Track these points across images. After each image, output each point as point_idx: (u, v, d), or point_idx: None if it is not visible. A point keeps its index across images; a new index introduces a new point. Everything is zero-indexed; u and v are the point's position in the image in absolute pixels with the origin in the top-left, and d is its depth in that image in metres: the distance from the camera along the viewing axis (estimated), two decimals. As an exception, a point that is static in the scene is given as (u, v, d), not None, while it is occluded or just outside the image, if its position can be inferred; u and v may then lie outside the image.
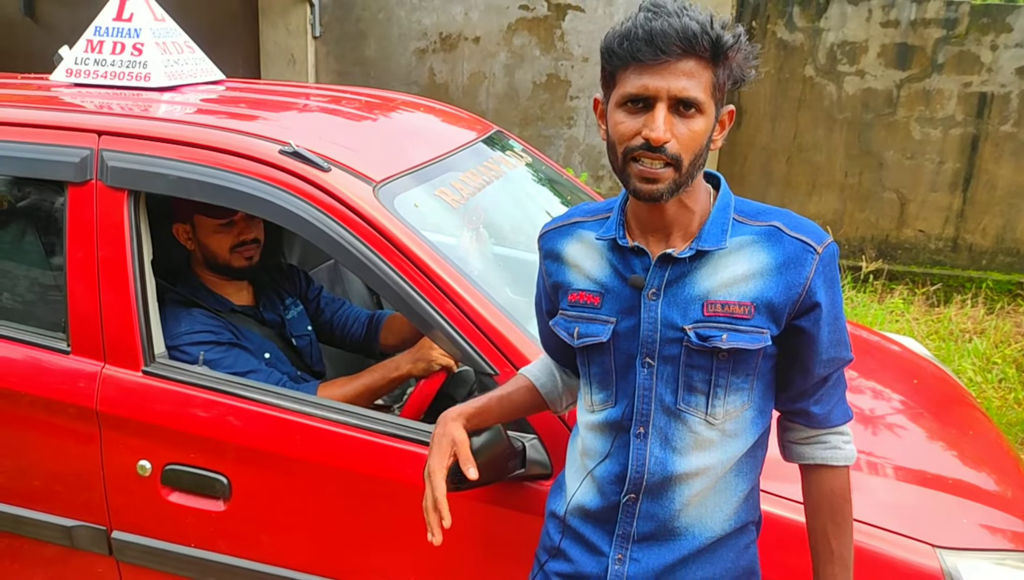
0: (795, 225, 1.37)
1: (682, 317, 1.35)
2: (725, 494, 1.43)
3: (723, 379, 1.37)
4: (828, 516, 1.46)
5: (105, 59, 2.49)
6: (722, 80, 1.28)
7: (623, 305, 1.40)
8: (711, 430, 1.39)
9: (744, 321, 1.33)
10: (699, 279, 1.35)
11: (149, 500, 1.99)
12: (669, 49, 1.23)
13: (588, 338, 1.43)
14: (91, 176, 2.00)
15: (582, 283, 1.45)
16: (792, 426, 1.49)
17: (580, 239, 1.47)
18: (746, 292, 1.34)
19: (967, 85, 6.24)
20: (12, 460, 2.12)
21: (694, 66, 1.25)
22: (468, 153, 2.43)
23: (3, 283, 2.27)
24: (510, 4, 6.64)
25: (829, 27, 6.30)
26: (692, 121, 1.26)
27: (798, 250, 1.34)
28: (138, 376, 1.99)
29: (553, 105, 6.77)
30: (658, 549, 1.44)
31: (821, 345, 1.38)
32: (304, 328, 2.49)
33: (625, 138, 1.28)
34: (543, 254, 1.54)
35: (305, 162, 1.91)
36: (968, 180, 6.42)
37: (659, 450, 1.40)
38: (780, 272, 1.34)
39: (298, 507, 1.94)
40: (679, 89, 1.24)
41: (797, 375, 1.42)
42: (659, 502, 1.42)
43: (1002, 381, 4.99)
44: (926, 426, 2.27)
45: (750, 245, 1.36)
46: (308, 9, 6.79)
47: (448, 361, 2.09)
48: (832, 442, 1.46)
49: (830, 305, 1.37)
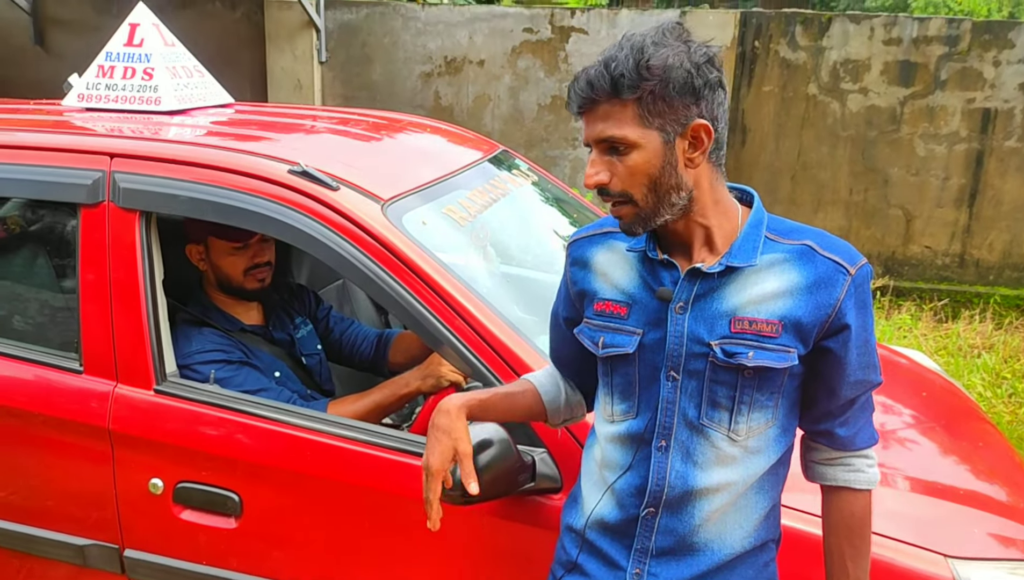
0: (828, 245, 1.36)
1: (709, 332, 1.35)
2: (746, 511, 1.42)
3: (747, 396, 1.36)
4: (846, 538, 1.45)
5: (116, 84, 2.53)
6: (654, 105, 1.27)
7: (650, 317, 1.39)
8: (733, 446, 1.38)
9: (771, 339, 1.33)
10: (727, 295, 1.35)
11: (161, 518, 2.00)
12: (580, 102, 1.31)
13: (613, 348, 1.42)
14: (103, 198, 2.02)
15: (609, 293, 1.45)
16: (816, 446, 1.48)
17: (611, 249, 1.47)
18: (774, 310, 1.33)
19: (970, 101, 6.28)
20: (25, 479, 2.13)
21: (606, 108, 1.29)
22: (475, 172, 2.45)
23: (16, 304, 2.30)
24: (514, 27, 6.72)
25: (831, 45, 6.35)
26: (626, 157, 1.30)
27: (830, 270, 1.33)
28: (150, 395, 2.01)
29: (558, 126, 6.82)
30: (676, 564, 1.42)
31: (849, 367, 1.37)
32: (314, 347, 2.51)
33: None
34: (571, 261, 1.53)
35: (314, 181, 1.93)
36: (974, 196, 6.43)
37: (680, 464, 1.39)
38: (810, 292, 1.33)
39: (309, 523, 1.94)
40: (598, 132, 1.30)
41: (823, 396, 1.41)
42: (679, 517, 1.41)
43: (1012, 396, 4.97)
44: (936, 438, 2.27)
45: (781, 263, 1.35)
46: (314, 35, 6.87)
47: (457, 377, 2.10)
48: (856, 465, 1.45)
49: (860, 328, 1.36)
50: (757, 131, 6.55)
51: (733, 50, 6.45)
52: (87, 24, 7.13)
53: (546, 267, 2.46)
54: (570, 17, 6.67)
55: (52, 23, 7.47)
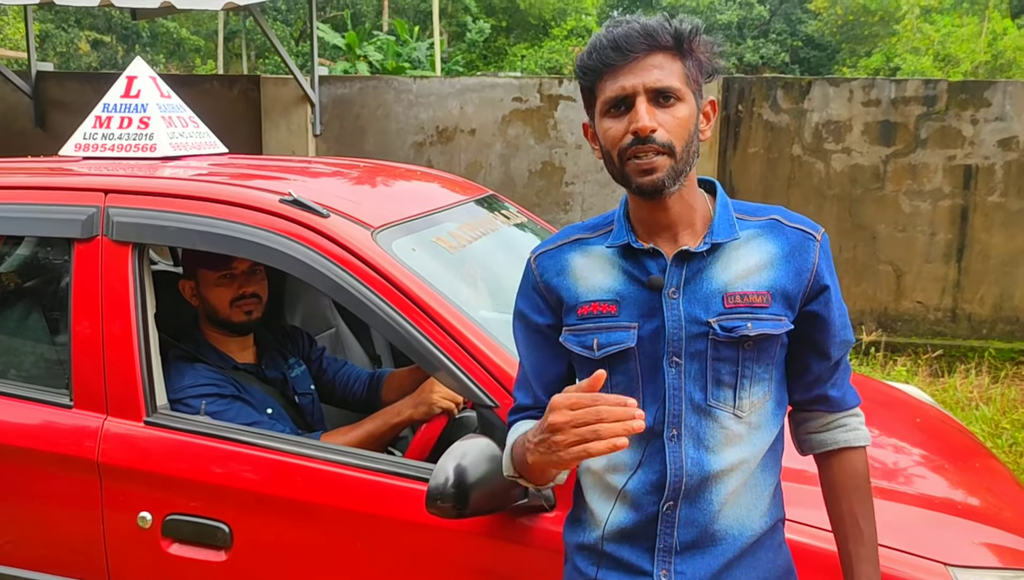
0: (791, 217, 1.44)
1: (705, 311, 1.38)
2: (756, 491, 1.44)
3: (748, 370, 1.39)
4: (855, 497, 1.47)
5: (113, 133, 2.59)
6: (693, 71, 1.35)
7: (643, 309, 1.41)
8: (739, 424, 1.40)
9: (763, 309, 1.38)
10: (715, 273, 1.39)
11: (150, 553, 1.97)
12: (635, 47, 1.31)
13: (612, 346, 1.42)
14: (97, 232, 2.06)
15: (593, 294, 1.44)
16: (811, 414, 1.51)
17: (585, 253, 1.48)
18: (761, 282, 1.38)
19: (951, 158, 6.41)
20: (10, 517, 2.10)
21: (662, 59, 1.32)
22: (464, 209, 2.50)
23: (6, 341, 2.30)
24: (504, 96, 6.89)
25: (813, 108, 6.52)
26: (674, 109, 1.33)
27: (800, 238, 1.41)
28: (140, 427, 2.00)
29: (549, 192, 6.94)
30: (701, 557, 1.42)
31: (834, 326, 1.44)
32: (307, 387, 2.51)
33: (616, 140, 1.34)
34: (541, 272, 1.50)
35: (305, 209, 1.97)
36: (961, 250, 6.51)
37: (693, 450, 1.39)
38: (788, 260, 1.40)
39: (300, 550, 1.91)
40: (653, 81, 1.31)
41: (813, 360, 1.46)
42: (698, 506, 1.41)
43: (1013, 446, 4.94)
44: (933, 455, 2.26)
45: (756, 238, 1.41)
46: (309, 109, 7.03)
47: (449, 404, 2.10)
48: (851, 423, 1.50)
49: (835, 287, 1.44)
50: (744, 192, 6.66)
51: (718, 114, 6.60)
52: (87, 106, 7.25)
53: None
54: (558, 86, 6.85)
55: (53, 105, 7.65)
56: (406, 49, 14.53)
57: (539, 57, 21.48)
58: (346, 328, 3.10)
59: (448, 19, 21.59)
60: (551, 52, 21.64)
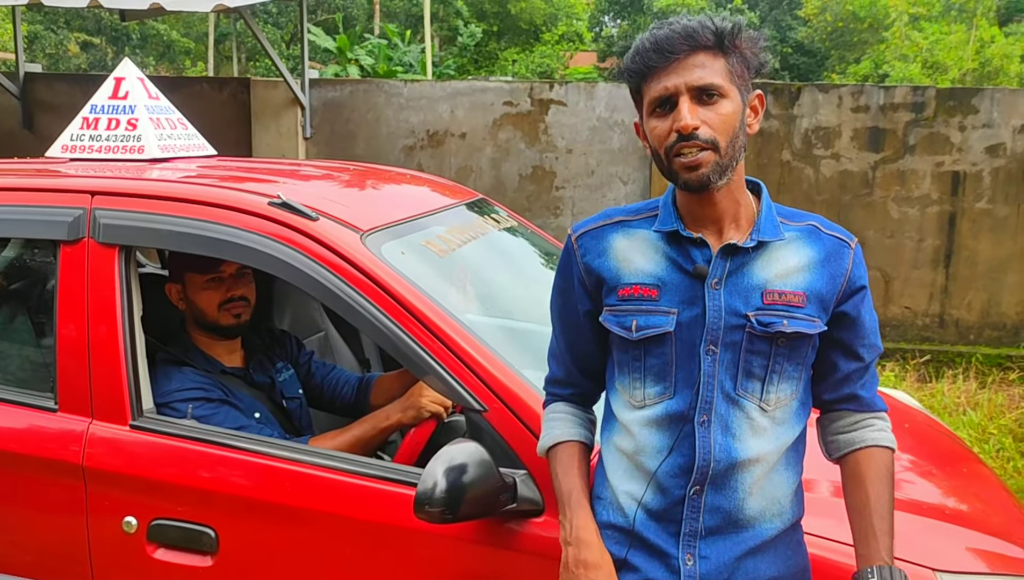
0: (828, 225, 1.50)
1: (744, 304, 1.42)
2: (780, 486, 1.48)
3: (779, 366, 1.44)
4: (881, 487, 1.48)
5: (100, 134, 2.58)
6: (737, 67, 1.39)
7: (683, 295, 1.44)
8: (764, 417, 1.44)
9: (799, 309, 1.42)
10: (757, 269, 1.44)
11: (134, 558, 1.95)
12: (676, 48, 1.36)
13: (650, 329, 1.45)
14: (83, 234, 2.04)
15: (635, 277, 1.48)
16: (839, 414, 1.54)
17: (628, 235, 1.51)
18: (799, 283, 1.43)
19: (939, 165, 6.45)
20: (-5, 523, 2.08)
21: (704, 58, 1.36)
22: (453, 212, 2.49)
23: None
24: (495, 101, 6.89)
25: (802, 114, 6.55)
26: (718, 105, 1.36)
27: (836, 245, 1.47)
28: (125, 431, 1.98)
29: (539, 196, 6.94)
30: (724, 542, 1.45)
31: (865, 328, 1.50)
32: (295, 391, 2.49)
33: (662, 139, 1.39)
34: (583, 252, 1.54)
35: (293, 212, 1.96)
36: (949, 256, 6.54)
37: (722, 437, 1.43)
38: (824, 265, 1.45)
39: (286, 555, 1.90)
40: (696, 79, 1.35)
41: (842, 360, 1.50)
42: (723, 492, 1.44)
43: (1000, 451, 4.96)
44: (921, 460, 2.26)
45: (795, 241, 1.46)
46: (299, 112, 7.02)
47: (438, 408, 2.09)
48: (879, 425, 1.53)
49: (868, 292, 1.50)
50: (734, 197, 6.68)
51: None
52: (75, 108, 7.22)
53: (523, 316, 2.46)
54: (549, 90, 6.86)
55: (40, 107, 7.61)
56: (397, 53, 14.53)
57: (530, 62, 21.51)
58: (335, 332, 3.09)
59: (439, 23, 21.61)
60: (542, 57, 21.69)
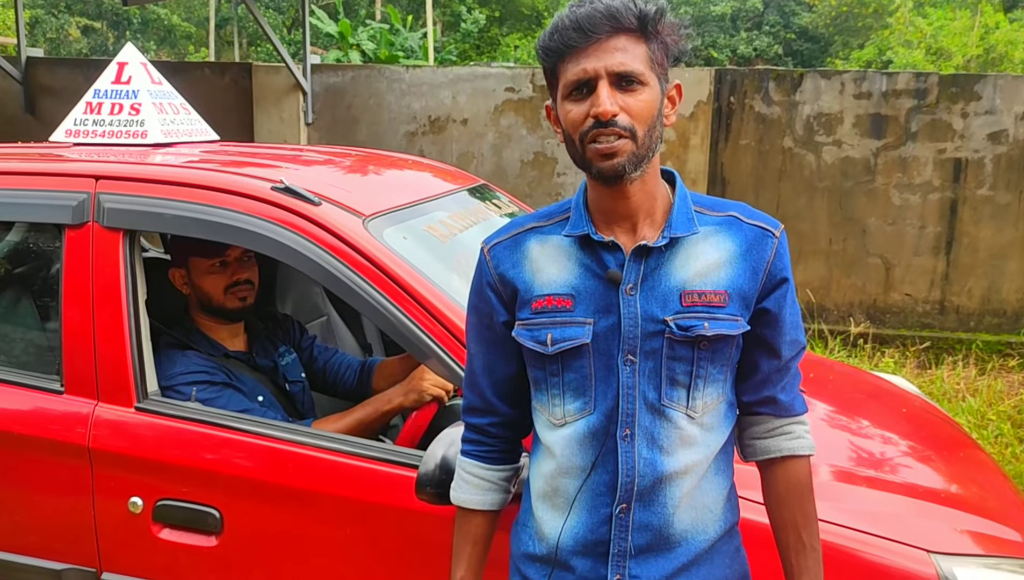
0: (750, 214, 1.42)
1: (662, 309, 1.35)
2: (711, 494, 1.42)
3: (703, 370, 1.37)
4: (797, 507, 1.45)
5: (103, 119, 2.59)
6: (658, 54, 1.31)
7: (598, 304, 1.37)
8: (692, 425, 1.38)
9: (720, 309, 1.35)
10: (673, 270, 1.36)
11: (140, 538, 1.98)
12: (598, 29, 1.27)
13: (566, 342, 1.37)
14: (88, 218, 2.05)
15: (548, 288, 1.40)
16: (756, 418, 1.48)
17: (541, 243, 1.43)
18: (719, 280, 1.36)
19: (941, 152, 6.44)
20: (1, 503, 2.10)
21: (626, 41, 1.28)
22: (455, 198, 2.50)
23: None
24: (496, 87, 6.88)
25: (804, 100, 6.53)
26: (637, 93, 1.29)
27: (757, 235, 1.39)
28: (131, 413, 2.01)
29: (541, 182, 6.94)
30: (655, 560, 1.39)
31: (785, 325, 1.42)
32: (297, 375, 2.51)
33: (577, 124, 1.30)
34: (496, 263, 1.45)
35: (296, 197, 1.98)
36: (950, 243, 6.54)
37: (646, 451, 1.36)
38: (744, 258, 1.38)
39: (290, 536, 1.92)
40: (616, 64, 1.28)
41: (763, 359, 1.44)
42: (651, 508, 1.38)
43: (998, 437, 4.98)
44: (918, 444, 2.28)
45: (715, 234, 1.39)
46: (301, 98, 7.01)
47: (439, 392, 2.11)
48: (796, 431, 1.47)
49: (789, 286, 1.41)
50: (736, 183, 6.68)
51: (710, 105, 6.62)
52: (78, 92, 7.22)
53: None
54: (550, 77, 6.84)
55: (42, 91, 7.61)
56: (399, 38, 14.47)
57: (531, 48, 21.42)
58: (337, 316, 3.10)
59: (441, 8, 21.52)
60: (544, 43, 21.54)
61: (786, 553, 1.46)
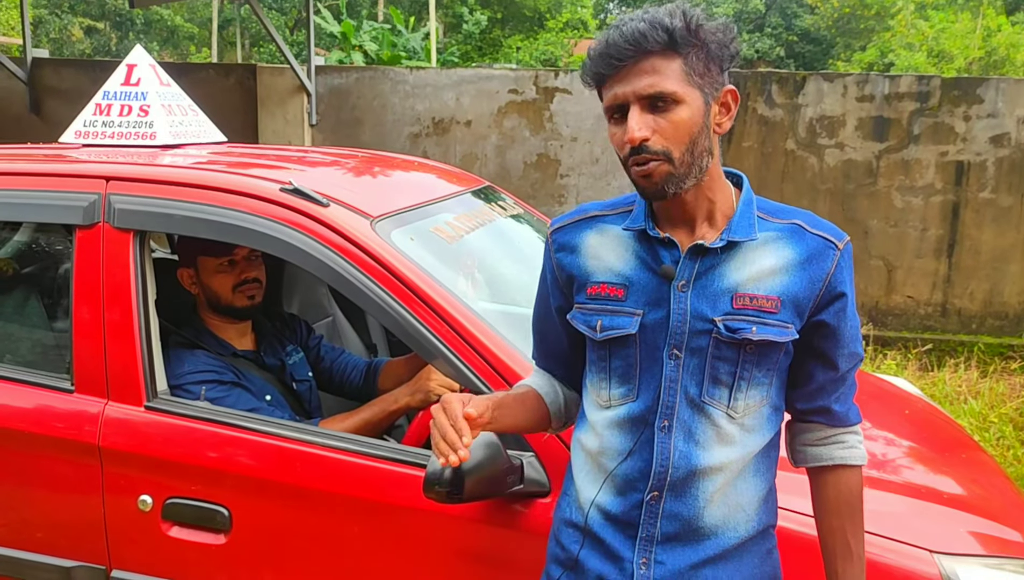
0: (815, 224, 1.41)
1: (712, 309, 1.37)
2: (746, 493, 1.43)
3: (747, 372, 1.38)
4: (847, 515, 1.47)
5: (113, 121, 2.61)
6: (698, 65, 1.30)
7: (650, 297, 1.40)
8: (731, 424, 1.39)
9: (771, 315, 1.36)
10: (728, 272, 1.37)
11: (149, 536, 1.99)
12: (622, 55, 1.29)
13: (613, 330, 1.42)
14: (99, 219, 2.07)
15: (603, 275, 1.44)
16: (810, 426, 1.50)
17: (601, 232, 1.47)
18: (773, 287, 1.36)
19: (944, 154, 6.46)
20: (12, 501, 2.12)
21: (656, 62, 1.29)
22: (460, 200, 2.52)
23: (6, 326, 2.32)
24: (500, 89, 6.91)
25: (807, 103, 6.55)
26: (671, 113, 1.30)
27: (820, 246, 1.38)
28: (140, 411, 2.02)
29: (544, 184, 6.96)
30: (682, 550, 1.41)
31: (843, 338, 1.42)
32: (305, 374, 2.53)
33: (618, 148, 1.35)
34: (556, 247, 1.52)
35: (305, 198, 2.00)
36: (952, 246, 6.56)
37: (683, 444, 1.39)
38: (804, 267, 1.37)
39: (298, 535, 1.94)
40: (644, 87, 1.29)
41: (819, 370, 1.44)
42: (683, 500, 1.40)
43: (1000, 439, 4.99)
44: (921, 446, 2.30)
45: (775, 241, 1.39)
46: (305, 99, 7.04)
47: (446, 392, 2.12)
48: (849, 441, 1.48)
49: (850, 298, 1.41)
50: (738, 186, 6.69)
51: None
52: (83, 93, 7.24)
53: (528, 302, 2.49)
54: (554, 78, 6.87)
55: (48, 92, 7.64)
56: (401, 39, 14.50)
57: (534, 49, 21.44)
58: (342, 317, 3.12)
59: (444, 9, 21.54)
60: (546, 44, 21.60)
61: (832, 558, 1.48)
